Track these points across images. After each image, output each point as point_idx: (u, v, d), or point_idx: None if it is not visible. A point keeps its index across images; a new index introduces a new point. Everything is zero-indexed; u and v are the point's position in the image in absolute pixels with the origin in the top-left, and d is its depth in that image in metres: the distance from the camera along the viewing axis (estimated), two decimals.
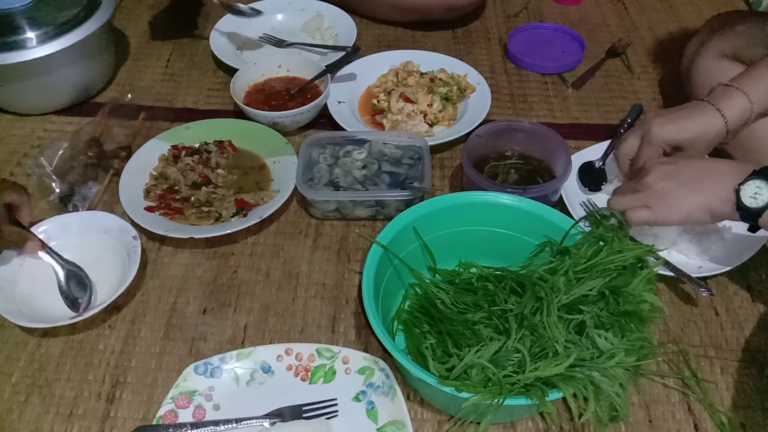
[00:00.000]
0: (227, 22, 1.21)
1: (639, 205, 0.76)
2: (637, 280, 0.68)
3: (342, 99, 1.07)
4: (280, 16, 1.26)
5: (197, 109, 1.12)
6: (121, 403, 0.73)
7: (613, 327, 0.67)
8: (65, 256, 0.83)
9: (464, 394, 0.61)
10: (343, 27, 1.24)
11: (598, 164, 0.96)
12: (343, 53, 1.12)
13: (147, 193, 0.93)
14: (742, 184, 0.71)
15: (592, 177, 0.95)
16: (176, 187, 0.94)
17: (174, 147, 0.99)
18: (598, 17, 1.31)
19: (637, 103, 1.07)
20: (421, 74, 1.11)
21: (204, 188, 0.94)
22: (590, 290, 0.67)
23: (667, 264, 0.80)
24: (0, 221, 0.78)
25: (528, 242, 0.78)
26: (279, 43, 1.20)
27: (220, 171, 0.97)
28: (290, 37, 1.21)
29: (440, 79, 1.10)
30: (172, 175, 0.95)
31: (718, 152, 0.91)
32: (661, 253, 0.73)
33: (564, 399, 0.64)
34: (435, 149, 1.00)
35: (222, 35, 1.20)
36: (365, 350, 0.77)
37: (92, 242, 0.85)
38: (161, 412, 0.70)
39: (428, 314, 0.73)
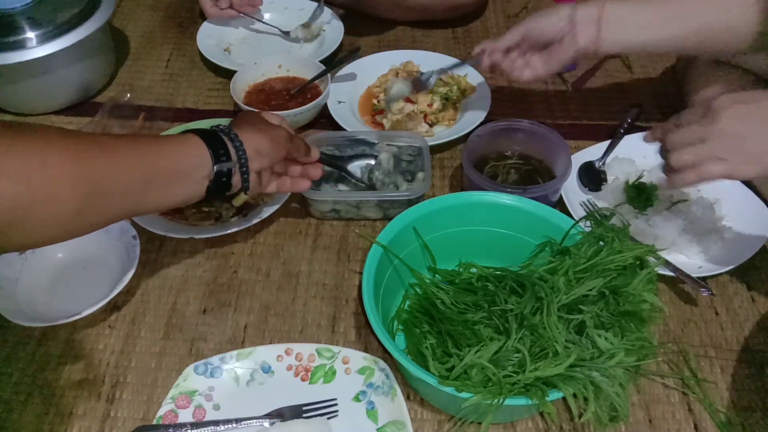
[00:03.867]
0: (212, 23, 1.22)
1: (710, 156, 0.64)
2: (637, 280, 0.68)
3: (342, 99, 1.07)
4: (267, 16, 1.27)
5: (197, 109, 1.12)
6: (121, 403, 0.73)
7: (613, 327, 0.67)
8: (65, 255, 0.83)
9: (464, 394, 0.61)
10: (332, 25, 1.24)
11: (598, 164, 0.96)
12: (345, 53, 1.12)
13: None
14: None
15: (592, 177, 0.95)
16: None
17: None
18: None
19: (637, 102, 1.07)
20: (421, 74, 1.11)
21: None
22: (590, 290, 0.67)
23: (667, 264, 0.80)
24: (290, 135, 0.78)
25: (528, 242, 0.78)
26: (284, 36, 1.23)
27: None
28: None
29: (440, 79, 1.10)
30: None
31: None
32: (661, 253, 0.73)
33: (564, 399, 0.64)
34: (435, 149, 1.00)
35: (208, 37, 1.21)
36: (365, 350, 0.77)
37: (92, 242, 0.84)
38: (161, 412, 0.70)
39: (428, 314, 0.73)
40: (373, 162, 0.93)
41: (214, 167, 0.67)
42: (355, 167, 0.92)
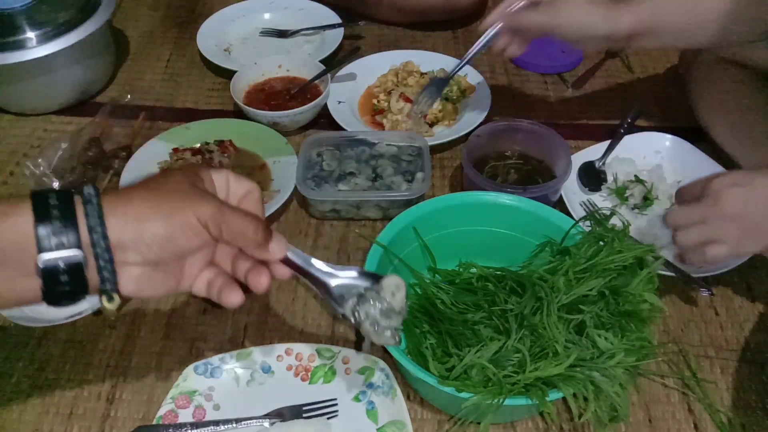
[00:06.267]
0: (212, 23, 1.23)
1: (713, 238, 0.67)
2: (637, 280, 0.68)
3: (342, 99, 1.07)
4: (267, 15, 1.28)
5: (197, 109, 1.12)
6: (121, 403, 0.73)
7: (613, 327, 0.67)
8: None
9: (464, 394, 0.61)
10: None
11: (598, 164, 0.96)
12: (346, 52, 1.12)
13: None
14: None
15: (592, 177, 0.95)
16: None
17: (174, 150, 0.99)
18: None
19: (637, 102, 1.07)
20: (421, 74, 1.11)
21: None
22: (590, 290, 0.67)
23: (667, 264, 0.80)
24: (221, 205, 0.52)
25: (528, 242, 0.78)
26: (282, 34, 1.23)
27: None
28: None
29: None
30: None
31: None
32: (661, 253, 0.73)
33: (564, 399, 0.64)
34: (435, 149, 1.00)
35: (208, 36, 1.21)
36: None
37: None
38: (161, 412, 0.70)
39: (428, 314, 0.73)
40: (363, 291, 0.60)
41: (41, 256, 0.45)
42: (341, 288, 0.59)
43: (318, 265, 0.59)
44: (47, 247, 0.45)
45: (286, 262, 0.58)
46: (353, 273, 0.60)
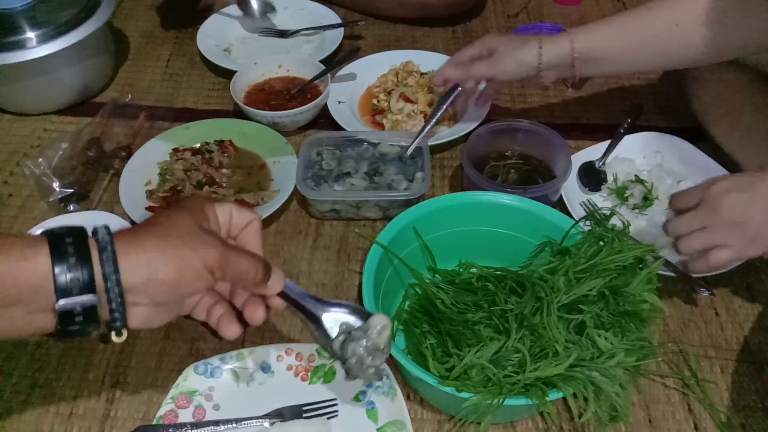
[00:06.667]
0: (212, 23, 1.23)
1: (715, 244, 0.68)
2: (637, 280, 0.68)
3: (342, 99, 1.07)
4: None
5: (197, 109, 1.12)
6: (121, 403, 0.73)
7: (613, 327, 0.67)
8: None
9: (464, 394, 0.61)
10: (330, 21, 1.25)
11: (598, 164, 0.96)
12: (346, 52, 1.12)
13: (150, 194, 0.93)
14: None
15: (592, 177, 0.95)
16: (179, 188, 0.94)
17: (174, 150, 0.99)
18: (598, 17, 1.30)
19: (637, 102, 1.07)
20: (421, 74, 1.11)
21: (206, 188, 0.94)
22: (590, 290, 0.67)
23: (667, 264, 0.80)
24: (223, 243, 0.55)
25: (528, 242, 0.78)
26: (282, 34, 1.23)
27: (224, 171, 0.97)
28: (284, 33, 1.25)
29: None
30: (177, 174, 0.95)
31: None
32: (661, 253, 0.73)
33: (564, 399, 0.64)
34: (435, 149, 1.00)
35: (208, 36, 1.21)
36: None
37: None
38: (161, 412, 0.70)
39: (428, 314, 0.73)
40: (352, 325, 0.62)
41: (59, 302, 0.47)
42: (332, 322, 0.62)
43: (311, 298, 0.62)
44: (65, 292, 0.47)
45: (282, 295, 0.61)
46: (344, 309, 0.63)
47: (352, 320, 0.62)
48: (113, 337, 0.51)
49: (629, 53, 0.86)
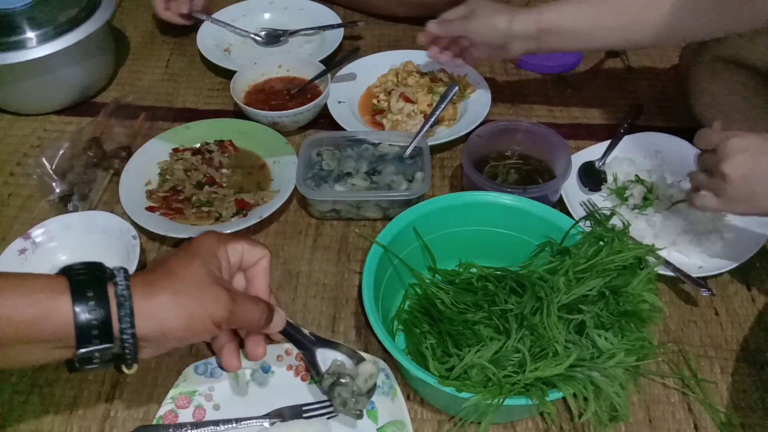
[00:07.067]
0: (212, 24, 1.23)
1: (710, 189, 0.72)
2: (637, 280, 0.68)
3: (342, 99, 1.07)
4: (267, 15, 1.28)
5: (197, 109, 1.12)
6: (121, 403, 0.73)
7: (613, 327, 0.67)
8: (65, 256, 0.83)
9: (464, 394, 0.61)
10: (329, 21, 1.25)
11: (598, 164, 0.96)
12: (346, 52, 1.12)
13: (150, 194, 0.93)
14: None
15: (592, 177, 0.95)
16: (179, 188, 0.94)
17: (175, 150, 0.99)
18: None
19: (637, 102, 1.07)
20: (421, 74, 1.11)
21: (206, 188, 0.94)
22: (590, 290, 0.67)
23: (667, 264, 0.80)
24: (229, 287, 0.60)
25: (528, 242, 0.79)
26: (282, 35, 1.23)
27: (224, 170, 0.97)
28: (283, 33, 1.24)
29: (440, 79, 1.10)
30: (177, 174, 0.95)
31: None
32: (661, 253, 0.73)
33: (564, 399, 0.64)
34: (435, 149, 1.00)
35: (208, 36, 1.21)
36: (365, 350, 0.77)
37: (92, 242, 0.85)
38: (161, 412, 0.70)
39: (428, 314, 0.73)
40: (343, 364, 0.69)
41: (79, 351, 0.53)
42: (325, 359, 0.68)
43: (308, 335, 0.69)
44: (85, 341, 0.53)
45: (282, 332, 0.67)
46: (337, 349, 0.69)
47: (343, 359, 0.68)
48: (124, 369, 0.57)
49: (593, 29, 0.89)
